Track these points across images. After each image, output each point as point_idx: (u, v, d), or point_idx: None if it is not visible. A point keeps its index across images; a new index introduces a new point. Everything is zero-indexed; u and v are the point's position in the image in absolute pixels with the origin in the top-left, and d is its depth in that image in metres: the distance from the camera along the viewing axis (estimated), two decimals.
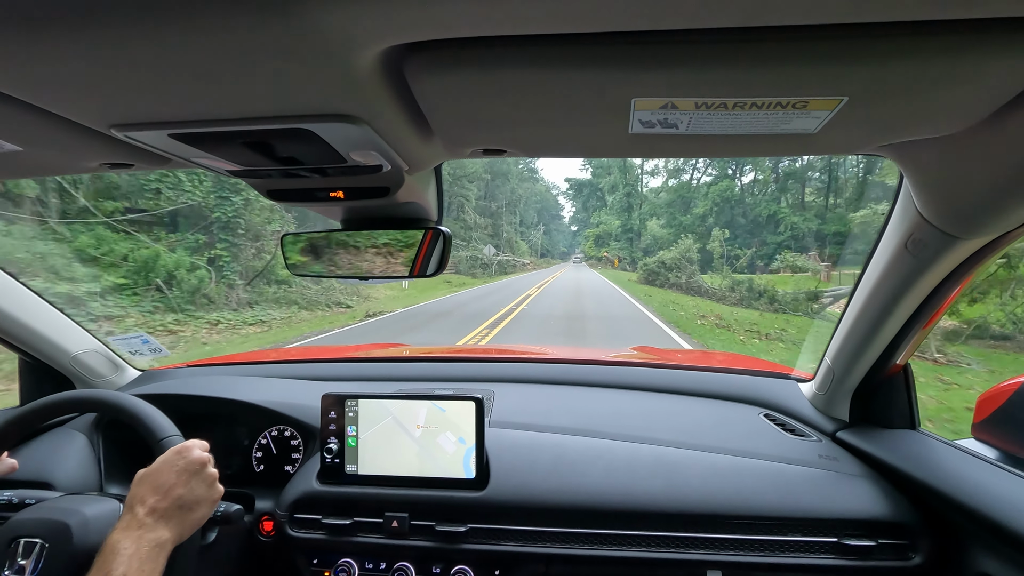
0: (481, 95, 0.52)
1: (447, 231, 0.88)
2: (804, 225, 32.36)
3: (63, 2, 0.35)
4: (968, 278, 0.86)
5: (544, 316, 11.55)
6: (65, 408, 0.99)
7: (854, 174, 29.75)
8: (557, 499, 1.05)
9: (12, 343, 1.32)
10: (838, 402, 1.21)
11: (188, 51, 0.41)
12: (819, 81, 0.46)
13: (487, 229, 39.51)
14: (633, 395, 1.45)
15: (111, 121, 0.56)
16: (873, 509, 1.00)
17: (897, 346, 1.02)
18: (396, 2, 0.36)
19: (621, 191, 52.15)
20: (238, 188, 11.63)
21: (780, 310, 14.03)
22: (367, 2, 0.36)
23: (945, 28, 0.40)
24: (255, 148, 0.61)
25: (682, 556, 1.00)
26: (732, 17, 0.38)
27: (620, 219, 51.02)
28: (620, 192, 51.93)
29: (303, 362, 1.74)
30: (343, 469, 1.12)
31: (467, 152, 0.71)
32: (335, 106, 0.52)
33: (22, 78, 0.46)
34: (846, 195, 32.96)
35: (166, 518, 0.76)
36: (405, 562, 1.06)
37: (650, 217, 44.49)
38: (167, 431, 0.90)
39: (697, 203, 41.59)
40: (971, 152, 0.61)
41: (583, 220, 79.87)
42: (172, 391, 1.35)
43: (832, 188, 34.86)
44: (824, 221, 31.54)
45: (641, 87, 0.48)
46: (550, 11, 0.37)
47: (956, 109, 0.52)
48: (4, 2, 0.35)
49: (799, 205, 36.36)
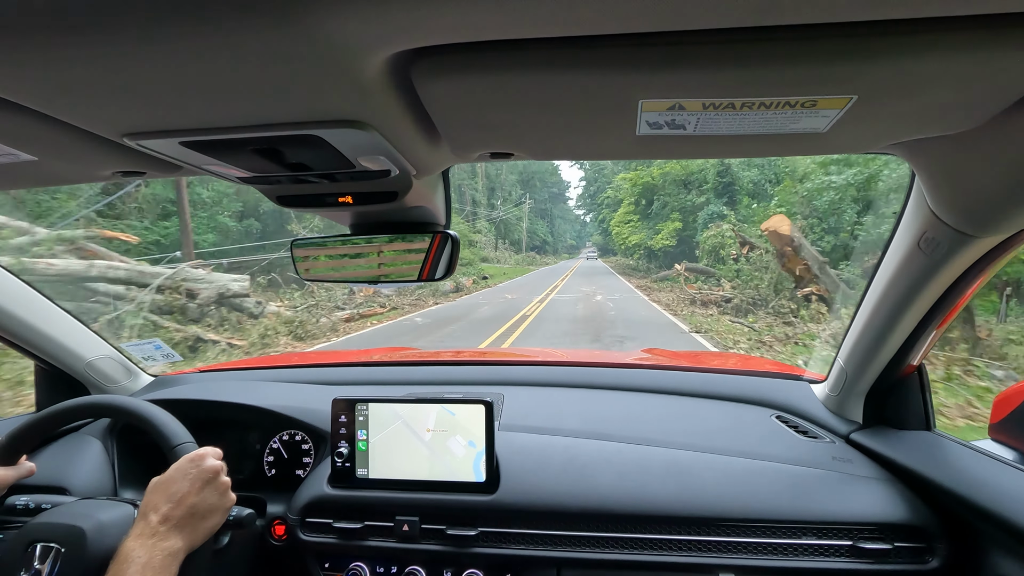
0: (488, 99, 0.52)
1: (455, 235, 0.89)
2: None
3: (76, 13, 0.36)
4: (983, 276, 0.85)
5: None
6: (80, 414, 1.01)
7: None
8: (568, 503, 1.05)
9: (28, 350, 1.34)
10: (851, 403, 1.20)
11: (199, 60, 0.42)
12: (828, 80, 0.46)
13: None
14: (644, 398, 1.45)
15: (124, 130, 0.56)
16: (888, 512, 0.98)
17: (911, 346, 1.01)
18: (403, 8, 0.36)
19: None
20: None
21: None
22: (375, 8, 0.36)
23: (956, 24, 0.40)
24: (265, 155, 0.62)
25: (694, 560, 0.99)
26: (739, 17, 0.38)
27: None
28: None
29: (313, 366, 1.75)
30: (354, 473, 1.13)
31: (474, 156, 0.71)
32: (343, 112, 0.52)
33: (37, 88, 0.47)
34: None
35: (179, 526, 0.77)
36: (416, 566, 1.06)
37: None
38: (181, 438, 0.91)
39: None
40: (984, 149, 0.60)
41: (592, 197, 60.59)
42: (184, 396, 1.36)
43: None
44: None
45: (648, 89, 0.48)
46: (556, 15, 0.38)
47: (968, 106, 0.52)
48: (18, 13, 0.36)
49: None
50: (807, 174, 13.56)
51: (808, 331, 8.78)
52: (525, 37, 0.41)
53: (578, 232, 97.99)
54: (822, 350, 7.77)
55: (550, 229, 74.74)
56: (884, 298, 0.96)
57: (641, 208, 27.16)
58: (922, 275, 0.87)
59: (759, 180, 19.88)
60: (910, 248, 0.86)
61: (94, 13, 0.36)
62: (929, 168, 0.71)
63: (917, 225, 0.83)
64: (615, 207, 32.25)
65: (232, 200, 17.85)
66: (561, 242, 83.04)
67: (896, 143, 0.64)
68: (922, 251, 0.84)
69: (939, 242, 0.80)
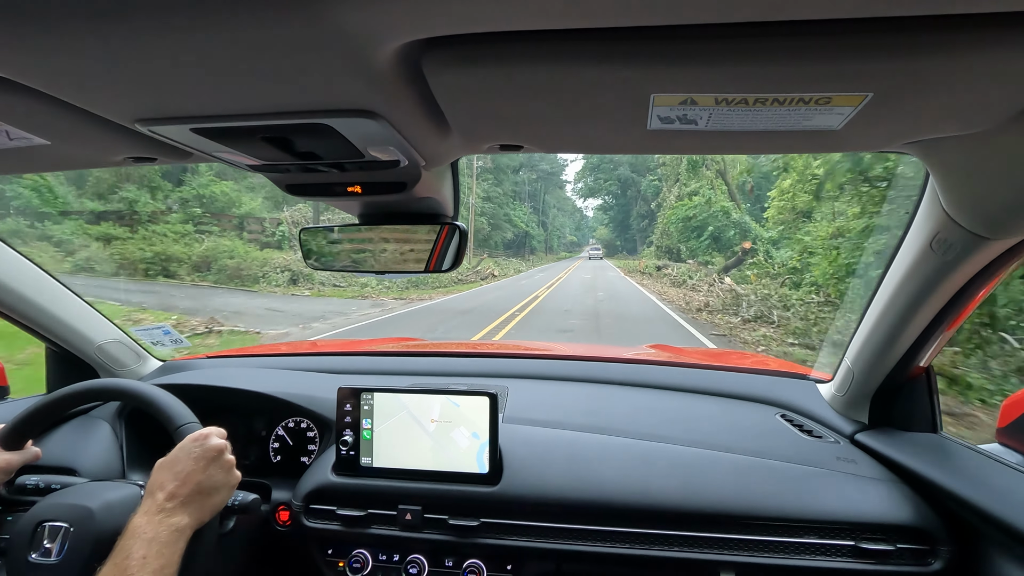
0: (499, 91, 0.52)
1: (463, 226, 0.89)
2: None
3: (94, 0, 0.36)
4: (997, 278, 0.84)
5: None
6: (86, 397, 1.02)
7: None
8: (570, 496, 1.05)
9: (40, 332, 1.36)
10: (857, 404, 1.19)
11: (210, 47, 0.42)
12: (843, 77, 0.45)
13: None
14: (649, 393, 1.45)
15: (136, 116, 0.57)
16: (892, 513, 0.98)
17: (920, 347, 1.00)
18: None
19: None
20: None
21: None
22: None
23: (972, 22, 0.39)
24: (275, 143, 0.62)
25: (695, 556, 0.99)
26: (753, 11, 0.38)
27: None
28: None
29: (320, 355, 1.77)
30: (358, 461, 1.14)
31: (484, 147, 0.71)
32: (354, 101, 0.52)
33: (51, 73, 0.47)
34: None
35: (186, 503, 0.78)
36: (418, 554, 1.07)
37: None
38: (185, 418, 0.92)
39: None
40: (1000, 150, 0.60)
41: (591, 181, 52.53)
42: (192, 381, 1.38)
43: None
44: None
45: (660, 83, 0.48)
46: (568, 6, 0.37)
47: (984, 105, 0.51)
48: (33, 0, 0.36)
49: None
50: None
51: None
52: (537, 29, 0.41)
53: (577, 224, 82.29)
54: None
55: (540, 219, 54.99)
56: (894, 299, 0.95)
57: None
58: (933, 276, 0.86)
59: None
60: (922, 249, 0.85)
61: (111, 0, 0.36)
62: (944, 168, 0.70)
63: (930, 226, 0.82)
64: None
65: None
66: (557, 237, 64.12)
67: (911, 142, 0.63)
68: (934, 252, 0.83)
69: (952, 243, 0.79)
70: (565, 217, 71.63)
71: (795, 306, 9.48)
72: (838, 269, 8.45)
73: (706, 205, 19.25)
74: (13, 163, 0.81)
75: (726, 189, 21.24)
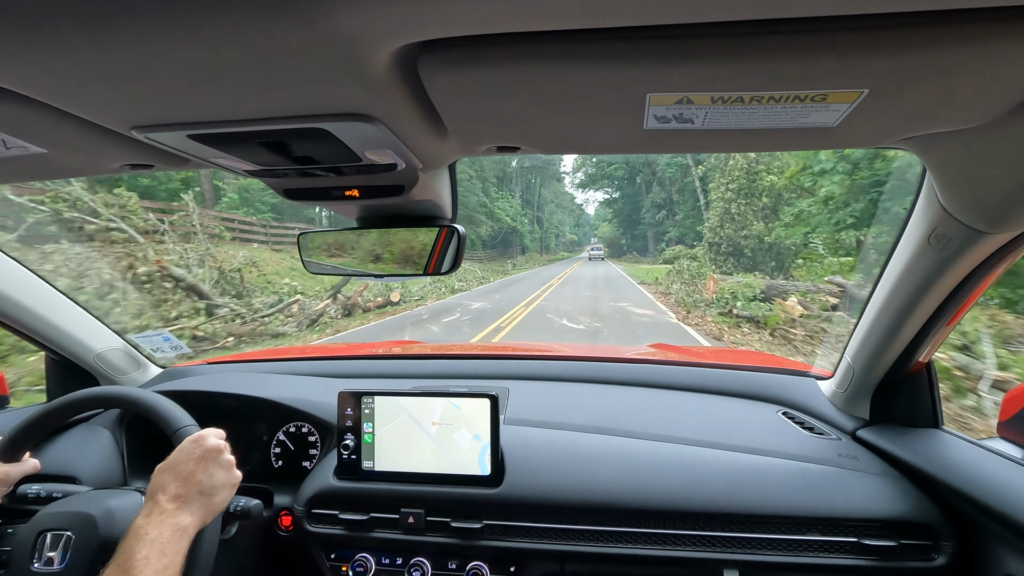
0: (495, 93, 0.52)
1: (461, 229, 0.89)
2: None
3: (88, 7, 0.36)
4: (995, 273, 0.84)
5: None
6: (83, 406, 1.02)
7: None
8: (572, 496, 1.05)
9: (39, 341, 1.35)
10: (858, 400, 1.19)
11: (206, 53, 0.42)
12: (838, 73, 0.45)
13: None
14: (650, 393, 1.44)
15: (132, 123, 0.57)
16: (894, 509, 0.98)
17: (920, 343, 1.00)
18: (409, 1, 0.36)
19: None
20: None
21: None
22: (381, 2, 0.36)
23: (968, 16, 0.39)
24: (272, 148, 0.62)
25: (698, 555, 0.99)
26: (748, 9, 0.38)
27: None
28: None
29: (320, 359, 1.76)
30: (360, 465, 1.13)
31: (481, 149, 0.71)
32: (350, 105, 0.52)
33: (47, 82, 0.47)
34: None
35: (188, 503, 0.78)
36: (421, 557, 1.07)
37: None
38: (183, 421, 0.92)
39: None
40: (997, 144, 0.60)
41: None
42: (192, 387, 1.37)
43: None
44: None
45: (656, 82, 0.48)
46: (563, 7, 0.37)
47: (980, 100, 0.51)
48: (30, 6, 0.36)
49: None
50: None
51: None
52: (532, 30, 0.41)
53: (577, 220, 74.80)
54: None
55: (535, 215, 49.22)
56: (893, 294, 0.96)
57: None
58: (932, 271, 0.86)
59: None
60: (920, 244, 0.85)
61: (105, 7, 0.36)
62: (940, 163, 0.70)
63: (928, 221, 0.82)
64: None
65: None
66: (555, 235, 58.49)
67: (907, 138, 0.63)
68: (932, 247, 0.83)
69: (950, 238, 0.79)
70: (564, 214, 65.79)
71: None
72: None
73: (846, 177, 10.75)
74: (10, 172, 0.81)
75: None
